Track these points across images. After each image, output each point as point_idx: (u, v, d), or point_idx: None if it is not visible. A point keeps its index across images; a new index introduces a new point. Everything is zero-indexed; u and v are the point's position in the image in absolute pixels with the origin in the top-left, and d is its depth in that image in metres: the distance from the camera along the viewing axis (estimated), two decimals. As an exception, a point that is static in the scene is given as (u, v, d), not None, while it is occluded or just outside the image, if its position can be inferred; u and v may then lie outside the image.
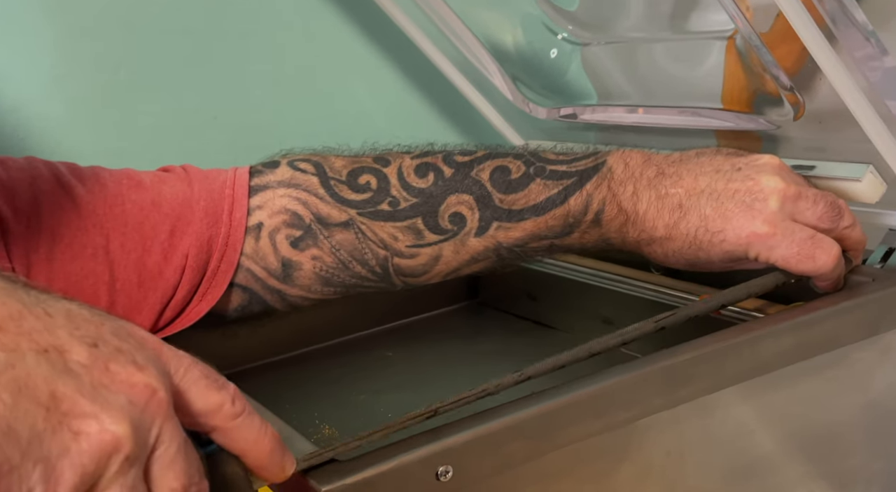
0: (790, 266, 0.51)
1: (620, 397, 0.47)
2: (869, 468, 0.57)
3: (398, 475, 0.41)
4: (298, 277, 0.58)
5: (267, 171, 0.59)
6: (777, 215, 0.51)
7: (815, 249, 0.51)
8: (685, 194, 0.52)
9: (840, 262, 0.52)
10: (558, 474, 0.46)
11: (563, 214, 0.55)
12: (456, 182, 0.57)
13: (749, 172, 0.52)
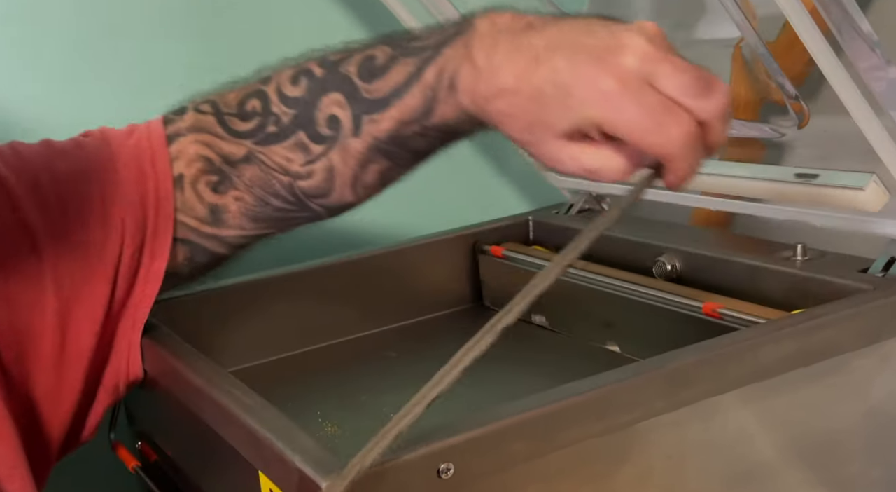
0: (634, 137, 0.42)
1: (622, 399, 0.47)
2: (868, 476, 0.57)
3: (400, 472, 0.42)
4: (228, 220, 0.58)
5: (177, 118, 0.59)
6: (630, 74, 0.42)
7: (665, 117, 0.42)
8: (544, 46, 0.45)
9: (695, 146, 0.43)
10: (559, 475, 0.46)
11: (421, 88, 0.50)
12: (327, 82, 0.53)
13: (616, 30, 0.44)
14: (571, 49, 0.44)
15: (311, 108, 0.54)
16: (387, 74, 0.51)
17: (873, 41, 0.52)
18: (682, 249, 0.72)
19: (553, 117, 0.44)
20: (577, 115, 0.43)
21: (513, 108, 0.45)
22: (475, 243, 0.88)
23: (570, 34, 0.45)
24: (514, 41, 0.46)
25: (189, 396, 0.56)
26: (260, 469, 0.47)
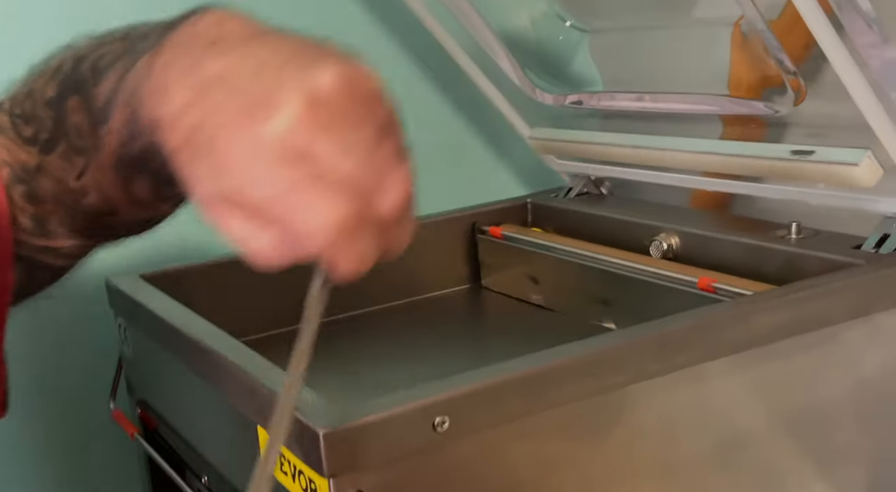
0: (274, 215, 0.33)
1: (614, 360, 0.48)
2: (856, 448, 0.58)
3: (395, 422, 0.42)
4: (55, 230, 0.47)
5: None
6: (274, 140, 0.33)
7: (310, 198, 0.33)
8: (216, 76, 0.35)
9: (356, 236, 0.33)
10: (552, 433, 0.47)
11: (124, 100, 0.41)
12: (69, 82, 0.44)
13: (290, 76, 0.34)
14: (232, 89, 0.34)
15: (62, 113, 0.44)
16: (105, 78, 0.42)
17: (871, 18, 0.53)
18: (679, 228, 0.73)
19: (199, 171, 0.35)
20: (215, 176, 0.34)
21: (169, 145, 0.36)
22: (474, 224, 0.89)
23: (245, 66, 0.35)
24: (197, 58, 0.36)
25: (188, 355, 0.57)
26: (259, 424, 0.48)
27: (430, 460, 0.44)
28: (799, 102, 0.59)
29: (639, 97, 0.75)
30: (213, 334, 0.56)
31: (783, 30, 0.61)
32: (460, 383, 0.44)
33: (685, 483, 0.52)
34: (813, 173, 0.60)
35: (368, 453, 0.42)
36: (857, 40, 0.53)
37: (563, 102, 0.83)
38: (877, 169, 0.57)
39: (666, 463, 0.51)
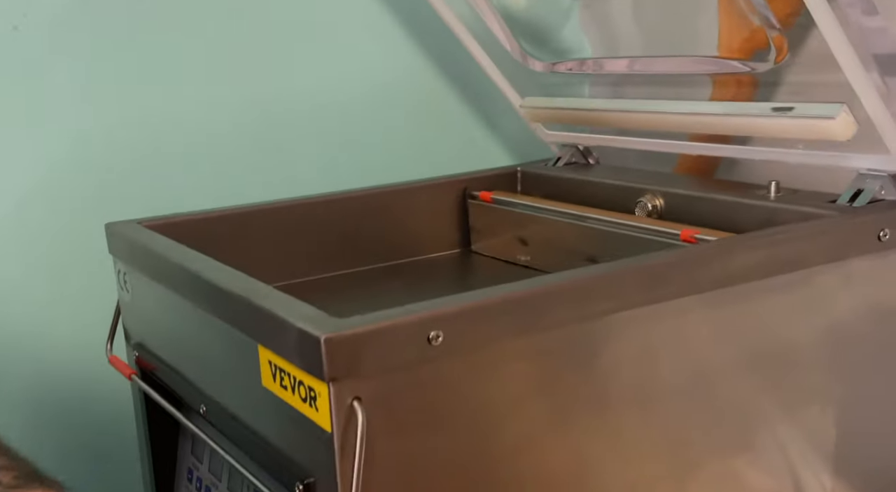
0: None
1: (600, 288, 0.51)
2: (826, 390, 0.61)
3: (393, 333, 0.45)
4: None
5: None
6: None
7: None
8: None
9: None
10: (542, 355, 0.50)
11: None
12: None
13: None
14: None
15: None
16: None
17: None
18: (664, 189, 0.76)
19: None
20: None
21: None
22: (465, 190, 0.91)
23: None
24: None
25: (190, 288, 0.59)
26: (259, 342, 0.50)
27: (425, 372, 0.46)
28: (780, 59, 0.62)
29: (629, 62, 0.77)
30: (212, 267, 0.58)
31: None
32: (456, 302, 0.47)
33: (663, 412, 0.54)
34: (793, 129, 0.63)
35: (367, 361, 0.44)
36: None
37: (554, 69, 0.86)
38: (852, 123, 0.60)
39: (645, 391, 0.53)
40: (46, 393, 0.83)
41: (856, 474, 0.63)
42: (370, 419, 0.45)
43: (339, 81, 0.95)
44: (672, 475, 0.55)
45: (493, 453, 0.49)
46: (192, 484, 0.71)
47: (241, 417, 0.56)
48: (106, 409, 0.84)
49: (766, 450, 0.59)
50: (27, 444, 0.55)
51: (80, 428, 0.85)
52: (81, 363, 0.83)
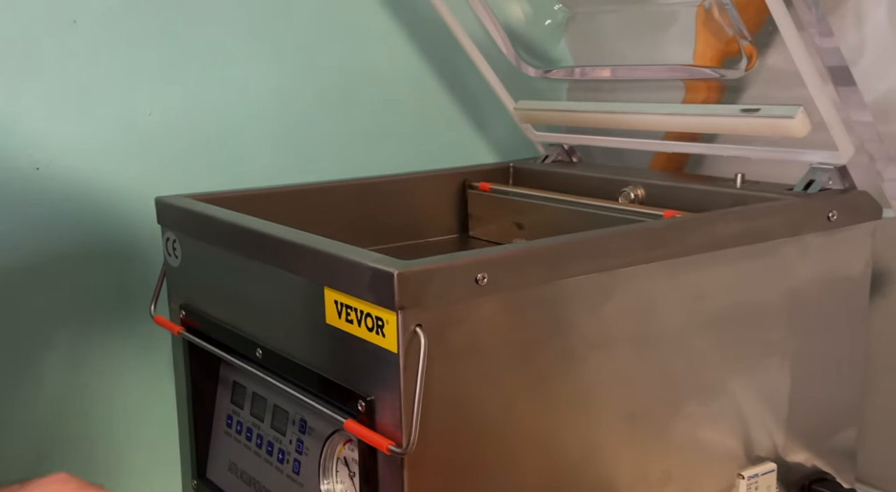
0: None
1: (610, 246, 0.62)
2: (786, 344, 0.72)
3: (448, 272, 0.55)
4: None
5: None
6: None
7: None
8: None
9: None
10: (563, 301, 0.60)
11: None
12: None
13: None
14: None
15: None
16: None
17: (814, 1, 0.68)
18: (644, 181, 0.88)
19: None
20: None
21: None
22: (464, 181, 1.02)
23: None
24: None
25: (249, 243, 0.68)
26: (326, 285, 0.60)
27: (472, 307, 0.56)
28: (750, 67, 0.74)
29: (613, 70, 0.89)
30: (269, 226, 0.67)
31: (741, 6, 0.76)
32: (499, 251, 0.57)
33: (658, 354, 0.65)
34: (758, 127, 0.75)
35: (427, 295, 0.54)
36: (803, 18, 0.67)
37: (546, 75, 0.97)
38: (808, 122, 0.72)
39: (644, 336, 0.64)
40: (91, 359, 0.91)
41: (806, 415, 0.75)
42: (430, 345, 0.55)
43: (350, 80, 1.05)
44: (663, 404, 0.66)
45: (523, 380, 0.59)
46: (231, 429, 0.80)
47: (297, 356, 0.65)
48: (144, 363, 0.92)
49: (735, 396, 0.70)
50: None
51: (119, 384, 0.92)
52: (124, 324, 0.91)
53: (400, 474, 0.56)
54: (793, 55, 0.68)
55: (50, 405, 0.90)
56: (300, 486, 0.70)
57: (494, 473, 0.60)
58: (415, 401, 0.54)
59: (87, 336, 0.90)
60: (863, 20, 0.87)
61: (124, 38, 0.88)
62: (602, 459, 0.64)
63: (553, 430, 0.62)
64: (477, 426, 0.58)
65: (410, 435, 0.54)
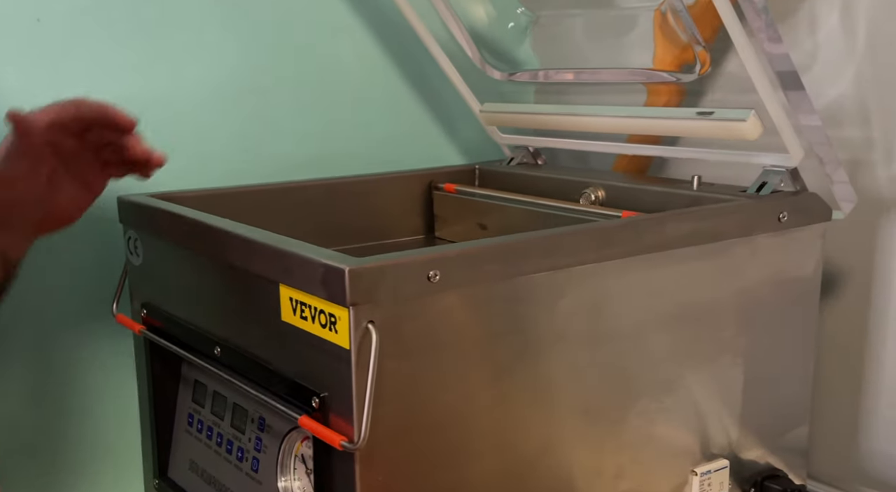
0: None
1: (563, 245, 0.63)
2: (738, 342, 0.74)
3: (400, 269, 0.56)
4: None
5: None
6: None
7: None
8: None
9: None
10: (517, 298, 0.61)
11: None
12: None
13: None
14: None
15: None
16: None
17: (761, 7, 0.69)
18: (605, 183, 0.89)
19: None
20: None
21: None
22: (430, 183, 1.03)
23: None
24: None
25: (207, 241, 0.68)
26: (281, 282, 0.60)
27: (425, 303, 0.57)
28: (703, 71, 0.75)
29: (576, 73, 0.90)
30: (226, 223, 0.68)
31: (697, 14, 0.78)
32: (450, 249, 0.58)
33: (612, 350, 0.66)
34: (712, 129, 0.77)
35: (379, 292, 0.55)
36: (752, 24, 0.69)
37: (511, 78, 0.98)
38: (759, 125, 0.74)
39: (599, 333, 0.66)
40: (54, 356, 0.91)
41: (758, 412, 0.77)
42: (381, 341, 0.55)
43: (320, 81, 1.05)
44: (617, 400, 0.67)
45: (480, 376, 0.60)
46: (192, 427, 0.80)
47: (255, 353, 0.66)
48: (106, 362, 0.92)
49: (688, 394, 0.72)
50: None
51: (82, 381, 0.92)
52: (86, 323, 0.91)
53: (353, 469, 0.57)
54: (743, 60, 0.70)
55: (14, 404, 0.89)
56: (258, 484, 0.71)
57: (451, 468, 0.61)
58: (366, 397, 0.55)
59: (51, 336, 0.90)
60: (816, 26, 0.89)
61: (89, 37, 0.89)
62: (558, 453, 0.65)
63: (510, 425, 0.63)
64: (433, 422, 0.59)
65: (361, 430, 0.55)
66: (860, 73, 0.86)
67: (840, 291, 0.91)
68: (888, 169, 0.86)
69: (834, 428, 0.91)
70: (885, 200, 0.86)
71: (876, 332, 0.88)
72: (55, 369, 0.91)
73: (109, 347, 0.91)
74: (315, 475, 0.61)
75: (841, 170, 0.75)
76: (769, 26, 0.69)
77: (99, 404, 0.93)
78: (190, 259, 0.73)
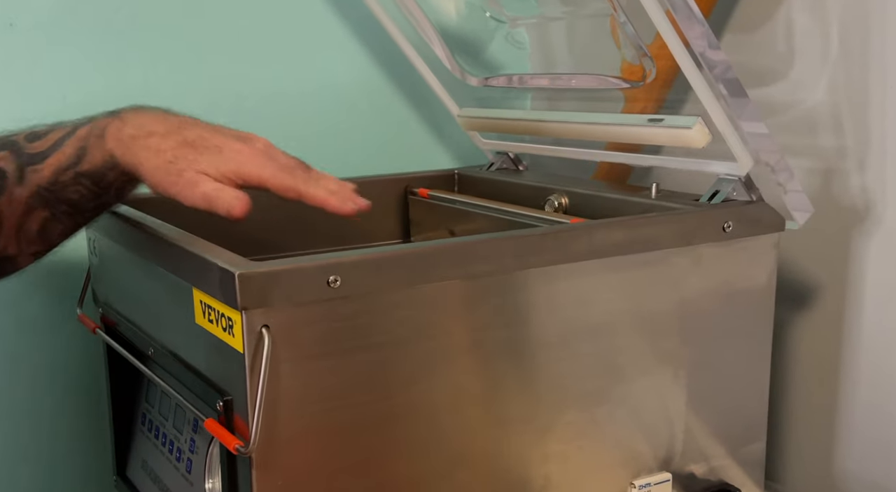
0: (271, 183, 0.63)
1: (479, 252, 0.62)
2: (682, 354, 0.72)
3: (298, 274, 0.56)
4: None
5: None
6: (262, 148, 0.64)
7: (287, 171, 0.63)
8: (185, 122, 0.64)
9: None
10: (428, 305, 0.61)
11: (74, 141, 0.63)
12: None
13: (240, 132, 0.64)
14: (210, 129, 0.63)
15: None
16: (47, 136, 0.64)
17: (699, 18, 0.67)
18: (568, 190, 0.88)
19: (204, 161, 0.61)
20: (226, 164, 0.61)
21: (162, 146, 0.61)
22: (407, 187, 1.03)
23: (203, 124, 0.64)
24: (157, 114, 0.64)
25: (136, 240, 0.70)
26: (194, 285, 0.61)
27: (326, 309, 0.57)
28: (645, 79, 0.74)
29: (555, 78, 0.89)
30: (157, 225, 0.69)
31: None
32: (351, 255, 0.58)
33: (535, 359, 0.65)
34: (661, 136, 0.75)
35: (274, 296, 0.55)
36: (689, 34, 0.67)
37: (487, 83, 0.97)
38: (706, 133, 0.71)
39: (520, 341, 0.64)
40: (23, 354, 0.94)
41: (708, 426, 0.74)
42: (278, 346, 0.56)
43: (306, 86, 1.06)
44: (541, 411, 0.66)
45: (387, 383, 0.60)
46: (144, 427, 0.82)
47: (179, 354, 0.67)
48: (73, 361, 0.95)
49: (624, 405, 0.70)
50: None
51: (50, 382, 0.95)
52: (56, 323, 0.93)
53: (250, 474, 0.57)
54: (682, 68, 0.68)
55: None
56: (190, 485, 0.72)
57: (358, 476, 0.60)
58: (257, 401, 0.55)
59: (23, 336, 0.92)
60: (792, 31, 0.86)
61: (63, 42, 0.91)
62: (474, 464, 0.64)
63: (421, 434, 0.62)
64: (337, 428, 0.59)
65: (253, 435, 0.55)
66: (834, 80, 0.83)
67: (813, 303, 0.87)
68: (861, 178, 0.82)
69: (808, 447, 0.88)
70: (858, 210, 0.82)
71: (849, 346, 0.85)
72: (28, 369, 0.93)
73: (82, 346, 0.94)
74: (223, 480, 0.61)
75: (794, 179, 0.73)
76: (707, 34, 0.67)
77: (70, 403, 0.96)
78: (132, 261, 0.74)
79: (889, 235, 0.80)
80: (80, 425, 0.96)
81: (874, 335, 0.83)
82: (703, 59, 0.67)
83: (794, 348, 0.90)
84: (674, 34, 0.67)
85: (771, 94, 0.88)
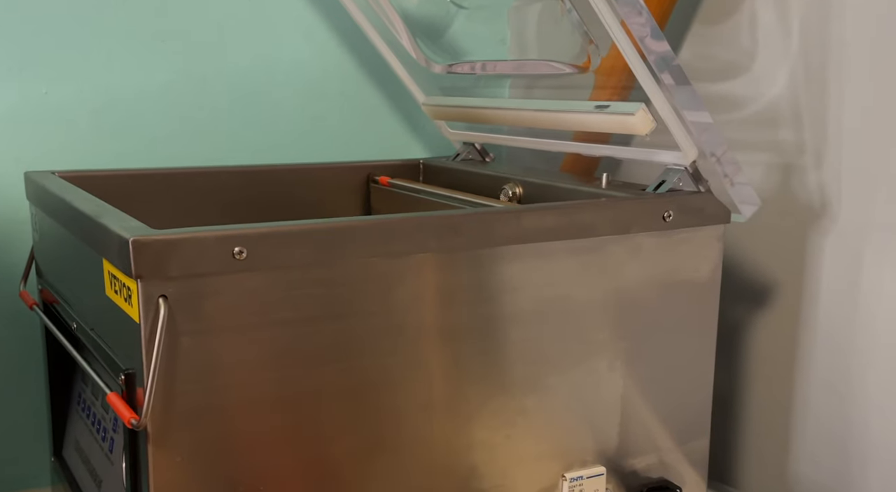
0: None
1: (400, 231, 0.60)
2: (616, 345, 0.69)
3: (199, 244, 0.54)
4: None
5: None
6: None
7: None
8: None
9: None
10: (344, 283, 0.59)
11: None
12: None
13: None
14: None
15: None
16: None
17: (641, 7, 0.65)
18: (522, 179, 0.85)
19: None
20: None
21: None
22: (369, 175, 1.01)
23: None
24: None
25: (60, 212, 0.68)
26: (103, 256, 0.59)
27: (230, 281, 0.55)
28: (587, 65, 0.72)
29: (519, 65, 0.88)
30: (78, 197, 0.67)
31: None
32: (260, 227, 0.56)
33: (459, 344, 0.63)
34: (607, 123, 0.73)
35: (172, 265, 0.53)
36: (631, 22, 0.65)
37: (450, 71, 0.96)
38: (650, 120, 0.69)
39: (442, 325, 0.62)
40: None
41: (646, 420, 0.72)
42: (178, 318, 0.54)
43: (270, 78, 1.05)
44: (465, 398, 0.64)
45: (290, 361, 0.58)
46: (79, 407, 0.80)
47: (95, 328, 0.65)
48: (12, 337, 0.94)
49: (555, 395, 0.68)
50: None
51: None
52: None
53: (146, 448, 0.55)
54: (623, 53, 0.66)
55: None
56: (111, 464, 0.70)
57: (264, 456, 0.59)
58: (150, 372, 0.53)
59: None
60: (756, 25, 0.84)
61: (32, 24, 0.91)
62: (394, 448, 0.62)
63: (329, 416, 0.60)
64: (240, 405, 0.57)
65: (146, 407, 0.53)
66: (794, 74, 0.81)
67: (769, 301, 0.85)
68: (818, 175, 0.79)
69: (762, 449, 0.85)
70: (814, 208, 0.80)
71: (804, 345, 0.82)
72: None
73: (28, 324, 0.93)
74: (126, 456, 0.59)
75: (741, 172, 0.70)
76: (650, 24, 0.65)
77: (16, 382, 0.95)
78: (62, 236, 0.73)
79: (844, 233, 0.78)
80: (22, 404, 0.95)
81: (829, 334, 0.80)
82: (643, 44, 0.65)
83: (749, 348, 0.87)
84: (615, 19, 0.65)
85: (734, 88, 0.86)
